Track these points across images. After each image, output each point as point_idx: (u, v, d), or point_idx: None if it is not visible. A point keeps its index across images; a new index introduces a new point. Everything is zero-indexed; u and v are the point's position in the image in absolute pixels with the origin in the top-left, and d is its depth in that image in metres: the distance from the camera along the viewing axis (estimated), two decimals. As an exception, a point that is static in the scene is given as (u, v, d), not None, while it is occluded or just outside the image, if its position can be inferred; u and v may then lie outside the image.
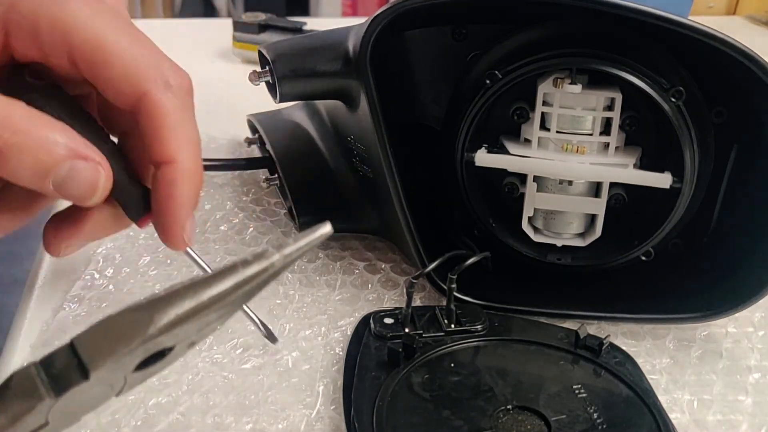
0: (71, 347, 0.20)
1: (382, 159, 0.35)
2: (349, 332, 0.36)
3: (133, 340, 0.19)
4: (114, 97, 0.27)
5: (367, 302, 0.38)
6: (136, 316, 0.20)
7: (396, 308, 0.35)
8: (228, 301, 0.20)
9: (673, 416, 0.31)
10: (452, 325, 0.34)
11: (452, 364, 0.31)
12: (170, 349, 0.21)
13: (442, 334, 0.33)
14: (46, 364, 0.20)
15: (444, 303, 0.35)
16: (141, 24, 0.37)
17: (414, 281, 0.34)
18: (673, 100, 0.34)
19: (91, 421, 0.29)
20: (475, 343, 0.33)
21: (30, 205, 0.30)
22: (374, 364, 0.31)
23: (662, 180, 0.35)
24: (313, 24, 0.75)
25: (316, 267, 0.41)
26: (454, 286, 0.34)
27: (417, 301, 0.38)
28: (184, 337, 0.21)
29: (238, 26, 0.73)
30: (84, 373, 0.19)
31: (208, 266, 0.30)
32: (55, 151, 0.25)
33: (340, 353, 0.34)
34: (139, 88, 0.26)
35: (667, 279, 0.38)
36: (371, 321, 0.34)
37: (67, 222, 0.29)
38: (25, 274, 0.40)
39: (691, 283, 0.38)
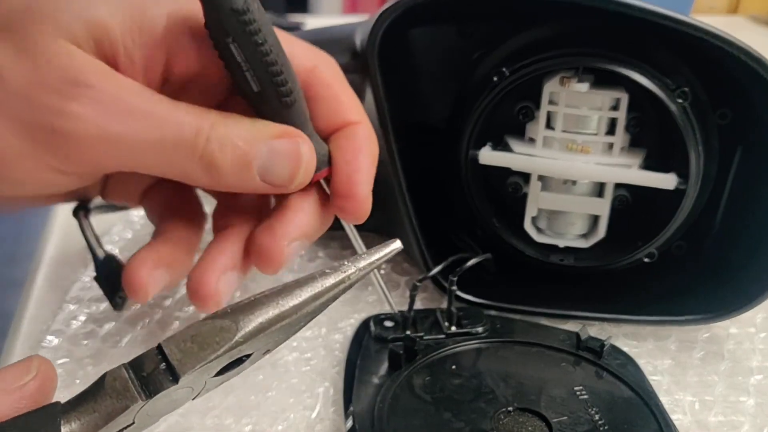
0: (160, 351, 0.20)
1: (387, 156, 0.35)
2: (350, 333, 0.35)
3: (221, 347, 0.20)
4: None
5: (367, 304, 0.38)
6: (223, 323, 0.20)
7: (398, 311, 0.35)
8: (306, 311, 0.21)
9: (675, 417, 0.31)
10: (453, 328, 0.34)
11: (453, 366, 0.31)
12: (248, 356, 0.21)
13: (443, 336, 0.33)
14: (136, 366, 0.20)
15: (445, 305, 0.35)
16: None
17: (417, 284, 0.34)
18: (679, 100, 0.33)
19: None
20: (476, 345, 0.33)
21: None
22: (374, 366, 0.31)
23: (667, 181, 0.34)
24: (313, 23, 0.74)
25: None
26: (455, 288, 0.34)
27: (418, 303, 0.38)
28: (263, 345, 0.21)
29: None
30: (174, 378, 0.20)
31: (361, 245, 0.30)
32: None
33: (340, 355, 0.34)
34: (311, 62, 0.28)
35: (671, 280, 0.38)
36: (371, 324, 0.34)
37: (275, 223, 0.28)
38: (24, 276, 0.40)
39: (694, 284, 0.37)
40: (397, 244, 0.24)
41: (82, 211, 0.33)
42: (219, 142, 0.25)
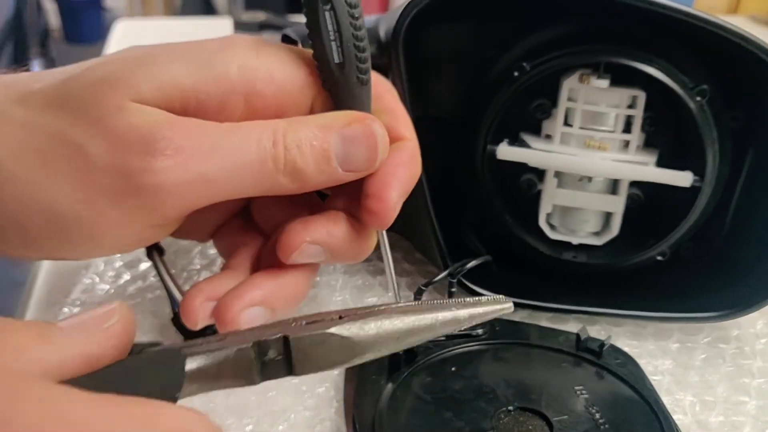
0: (285, 343, 0.21)
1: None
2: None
3: (338, 365, 0.22)
4: None
5: (368, 305, 0.38)
6: (348, 342, 0.21)
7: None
8: (413, 340, 0.22)
9: (676, 417, 0.31)
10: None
11: (453, 368, 0.31)
12: None
13: (444, 338, 0.33)
14: (261, 348, 0.21)
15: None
16: (142, 23, 0.36)
17: (423, 288, 0.34)
18: (698, 98, 0.33)
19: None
20: (476, 346, 0.33)
21: None
22: (375, 367, 0.31)
23: (683, 178, 0.35)
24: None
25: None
26: (454, 290, 0.34)
27: None
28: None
29: (238, 25, 0.73)
30: (289, 371, 0.21)
31: (390, 260, 0.29)
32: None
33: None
34: (374, 77, 0.28)
35: (681, 279, 0.38)
36: None
37: (300, 225, 0.28)
38: (25, 277, 0.39)
39: (704, 283, 0.38)
40: (508, 306, 0.23)
41: (155, 252, 0.32)
42: (296, 146, 0.25)
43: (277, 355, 0.21)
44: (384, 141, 0.27)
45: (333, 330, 0.21)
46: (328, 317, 0.22)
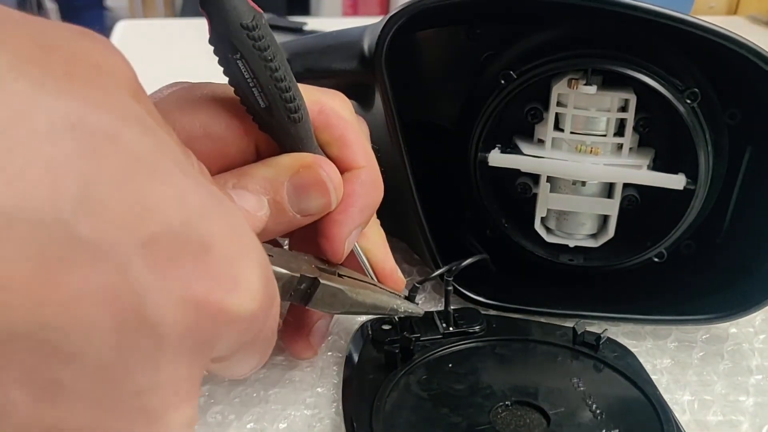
0: (314, 284, 0.27)
1: (397, 158, 0.35)
2: (350, 333, 0.35)
3: (334, 312, 0.28)
4: None
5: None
6: (350, 301, 0.28)
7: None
8: (373, 311, 0.30)
9: None
10: (450, 328, 0.34)
11: (450, 365, 0.32)
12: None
13: (440, 336, 0.33)
14: (300, 280, 0.26)
15: (442, 307, 0.35)
16: (142, 23, 0.37)
17: (417, 286, 0.34)
18: (688, 101, 0.33)
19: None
20: (473, 344, 0.33)
21: None
22: (372, 367, 0.31)
23: (676, 181, 0.35)
24: (314, 24, 0.74)
25: None
26: (450, 288, 0.35)
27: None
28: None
29: None
30: (305, 303, 0.27)
31: (373, 275, 0.32)
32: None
33: (340, 355, 0.34)
34: (317, 105, 0.28)
35: (679, 280, 0.38)
36: (369, 327, 0.34)
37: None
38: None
39: (703, 284, 0.37)
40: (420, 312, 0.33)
41: None
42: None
43: (304, 289, 0.26)
44: (335, 181, 0.27)
45: (344, 289, 0.28)
46: (331, 268, 0.28)
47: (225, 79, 0.26)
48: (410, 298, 0.33)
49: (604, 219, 0.38)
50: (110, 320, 0.16)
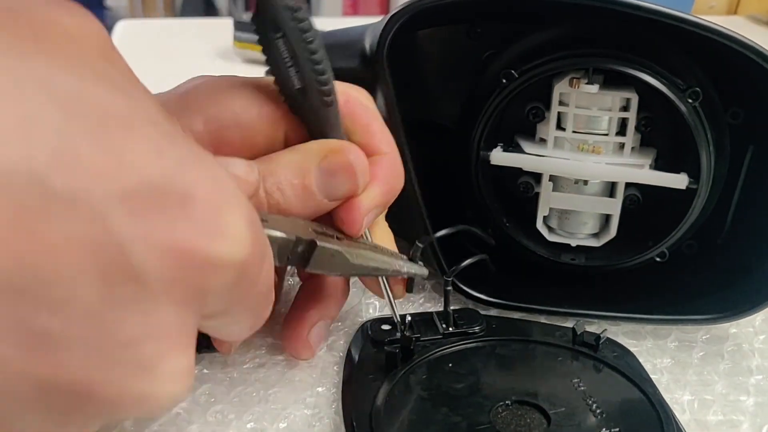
0: (311, 247, 0.26)
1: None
2: (350, 333, 0.35)
3: (332, 273, 0.28)
4: None
5: (367, 304, 0.38)
6: (348, 264, 0.27)
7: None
8: (377, 274, 0.30)
9: None
10: (450, 328, 0.34)
11: (450, 365, 0.32)
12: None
13: (440, 336, 0.33)
14: (296, 243, 0.26)
15: (442, 307, 0.35)
16: (142, 23, 0.37)
17: (419, 245, 0.34)
18: (689, 101, 0.33)
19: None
20: (473, 344, 0.33)
21: None
22: (372, 367, 0.31)
23: (678, 181, 0.35)
24: (314, 24, 0.74)
25: None
26: (449, 288, 0.35)
27: (415, 307, 0.38)
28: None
29: (239, 26, 0.72)
30: (304, 266, 0.26)
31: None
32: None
33: (340, 355, 0.34)
34: (344, 96, 0.29)
35: (680, 280, 0.38)
36: (369, 327, 0.34)
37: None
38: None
39: (703, 284, 0.37)
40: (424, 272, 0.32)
41: None
42: (277, 189, 0.26)
43: (302, 252, 0.26)
44: (363, 166, 0.27)
45: (342, 250, 0.27)
46: (329, 231, 0.28)
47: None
48: (413, 259, 0.32)
49: (606, 218, 0.38)
50: (93, 269, 0.16)
